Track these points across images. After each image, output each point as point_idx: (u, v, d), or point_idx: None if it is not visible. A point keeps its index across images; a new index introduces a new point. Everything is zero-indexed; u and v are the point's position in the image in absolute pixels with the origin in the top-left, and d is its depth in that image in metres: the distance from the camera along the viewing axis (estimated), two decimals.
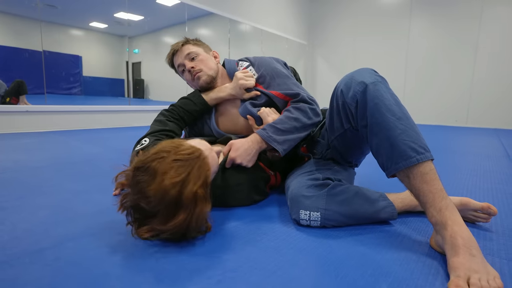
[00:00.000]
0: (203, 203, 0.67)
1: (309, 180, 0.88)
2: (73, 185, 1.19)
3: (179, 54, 1.15)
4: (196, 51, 1.15)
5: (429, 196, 0.68)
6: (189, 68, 1.12)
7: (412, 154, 0.70)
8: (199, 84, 1.15)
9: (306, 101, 1.04)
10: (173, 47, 1.17)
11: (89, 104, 3.29)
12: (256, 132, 0.98)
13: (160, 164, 0.65)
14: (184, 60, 1.14)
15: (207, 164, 0.71)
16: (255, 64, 1.15)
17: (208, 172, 0.71)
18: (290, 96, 1.04)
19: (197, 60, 1.14)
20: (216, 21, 4.83)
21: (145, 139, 1.05)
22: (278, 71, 1.10)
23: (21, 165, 1.49)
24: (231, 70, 1.17)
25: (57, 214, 0.89)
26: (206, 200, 0.69)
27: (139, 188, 0.66)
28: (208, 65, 1.14)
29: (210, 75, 1.14)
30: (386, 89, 0.77)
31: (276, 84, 1.08)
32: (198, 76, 1.13)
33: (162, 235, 0.69)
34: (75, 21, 6.73)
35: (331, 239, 0.77)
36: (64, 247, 0.69)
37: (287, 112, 1.02)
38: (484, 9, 4.69)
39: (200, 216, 0.68)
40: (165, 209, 0.65)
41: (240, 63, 1.18)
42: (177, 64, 1.17)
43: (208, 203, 0.69)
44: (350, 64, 6.18)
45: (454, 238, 0.61)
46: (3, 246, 0.68)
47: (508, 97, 4.61)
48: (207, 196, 0.69)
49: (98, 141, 2.40)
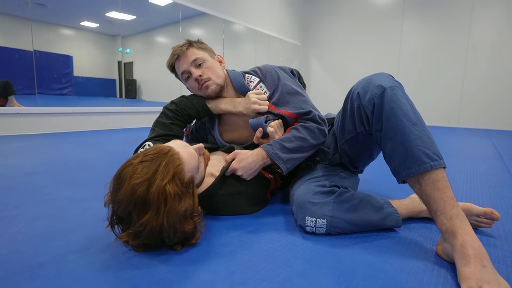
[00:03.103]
0: (174, 200, 0.65)
1: (316, 187, 0.88)
2: (70, 192, 1.16)
3: (183, 60, 1.05)
4: (202, 56, 1.05)
5: (440, 204, 0.68)
6: (196, 76, 1.03)
7: (426, 160, 0.70)
8: (206, 94, 1.08)
9: (316, 120, 1.00)
10: (176, 52, 1.05)
11: (81, 105, 3.23)
12: (262, 148, 0.95)
13: (128, 169, 0.66)
14: (189, 67, 1.04)
15: (178, 159, 0.70)
16: (264, 79, 1.08)
17: (179, 167, 0.69)
18: (302, 114, 1.01)
19: (204, 67, 1.05)
20: (210, 21, 4.80)
21: (148, 143, 1.02)
22: (288, 89, 1.05)
23: (15, 170, 1.45)
24: (239, 85, 1.10)
25: (55, 225, 0.86)
26: (180, 197, 0.67)
27: (113, 197, 0.66)
28: (216, 72, 1.06)
29: (219, 84, 1.07)
30: (403, 94, 0.77)
31: (286, 102, 1.03)
32: (207, 86, 1.05)
33: (137, 240, 0.67)
34: (65, 20, 6.60)
35: (338, 247, 0.76)
36: (65, 260, 0.67)
37: (295, 131, 0.98)
38: (475, 10, 4.76)
39: (172, 214, 0.65)
40: (135, 210, 0.64)
41: (247, 77, 1.11)
42: (181, 71, 1.06)
43: (183, 201, 0.67)
44: (343, 64, 6.23)
45: (465, 247, 0.61)
46: (3, 260, 0.66)
47: (498, 98, 4.70)
48: (183, 194, 0.68)
49: (92, 144, 2.36)
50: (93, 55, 7.43)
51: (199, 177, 0.85)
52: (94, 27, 6.97)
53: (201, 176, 0.87)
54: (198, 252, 0.72)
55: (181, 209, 0.66)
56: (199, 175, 0.84)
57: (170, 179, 0.66)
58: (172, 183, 0.66)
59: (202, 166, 0.86)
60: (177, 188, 0.66)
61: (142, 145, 1.03)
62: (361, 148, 0.97)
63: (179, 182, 0.68)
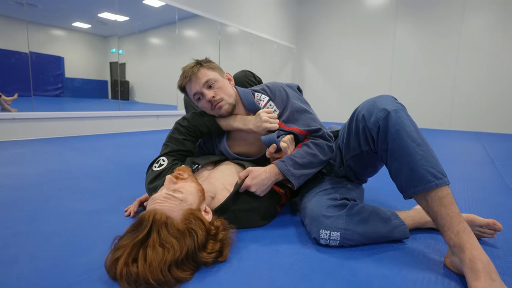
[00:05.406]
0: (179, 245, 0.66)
1: (328, 200, 0.92)
2: (81, 205, 1.17)
3: (195, 81, 1.05)
4: (214, 77, 1.06)
5: (446, 219, 0.72)
6: (209, 98, 1.04)
7: (431, 178, 0.74)
8: (219, 114, 1.10)
9: (325, 138, 1.04)
10: (187, 74, 1.06)
11: (75, 107, 3.24)
12: (275, 164, 0.98)
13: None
14: (202, 89, 1.05)
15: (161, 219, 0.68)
16: (274, 98, 1.11)
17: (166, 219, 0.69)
18: (312, 131, 1.05)
19: (215, 87, 1.06)
20: (205, 23, 4.80)
21: (163, 158, 1.04)
22: (297, 107, 1.08)
23: (19, 181, 1.45)
24: (249, 104, 1.12)
25: (75, 241, 0.87)
26: (179, 239, 0.67)
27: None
28: (228, 92, 1.08)
29: (231, 104, 1.09)
30: (407, 116, 0.82)
31: (295, 120, 1.07)
32: (220, 106, 1.06)
33: None
34: (56, 21, 6.48)
35: (351, 260, 0.80)
36: (90, 279, 0.68)
37: (306, 147, 1.02)
38: (466, 11, 4.89)
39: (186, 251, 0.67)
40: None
41: (256, 95, 1.14)
42: (193, 92, 1.07)
43: (186, 240, 0.68)
44: (337, 67, 6.31)
45: (474, 262, 0.65)
46: (29, 282, 0.67)
47: (488, 101, 4.85)
48: (182, 235, 0.68)
49: (93, 150, 2.35)
50: (85, 56, 7.33)
51: (207, 197, 0.88)
52: (86, 28, 6.87)
53: (209, 195, 0.90)
54: (219, 267, 0.74)
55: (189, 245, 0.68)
56: (206, 196, 0.87)
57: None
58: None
59: (199, 193, 0.83)
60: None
61: (157, 160, 1.05)
62: (366, 165, 1.02)
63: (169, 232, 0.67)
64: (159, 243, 0.64)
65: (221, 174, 1.04)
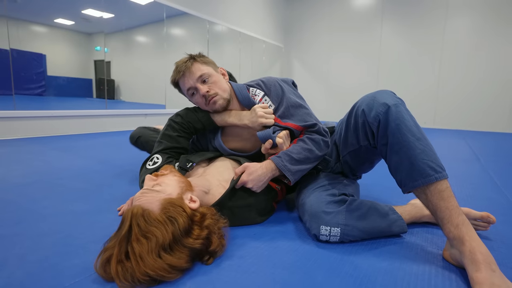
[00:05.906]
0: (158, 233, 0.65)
1: (328, 196, 0.91)
2: (70, 205, 1.12)
3: (188, 76, 1.04)
4: (207, 72, 1.05)
5: (446, 212, 0.73)
6: (204, 93, 1.03)
7: (430, 172, 0.75)
8: (213, 109, 1.08)
9: (321, 133, 1.03)
10: (181, 68, 1.04)
11: (58, 106, 3.11)
12: (272, 160, 0.97)
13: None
14: (196, 83, 1.04)
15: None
16: (269, 93, 1.09)
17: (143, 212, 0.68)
18: (307, 126, 1.04)
19: (209, 82, 1.05)
20: (193, 21, 4.74)
21: (157, 156, 1.01)
22: (293, 102, 1.06)
23: (4, 182, 1.38)
24: (244, 99, 1.11)
25: (66, 242, 0.84)
26: (158, 227, 0.66)
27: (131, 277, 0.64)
28: (222, 87, 1.07)
29: (226, 98, 1.07)
30: (406, 111, 0.82)
31: (291, 115, 1.05)
32: (214, 101, 1.05)
33: None
34: (38, 17, 6.27)
35: (352, 255, 0.80)
36: (86, 280, 0.66)
37: (302, 143, 1.00)
38: (449, 10, 5.03)
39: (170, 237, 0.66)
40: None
41: (251, 90, 1.12)
42: (187, 87, 1.05)
43: (165, 227, 0.67)
44: (324, 65, 6.37)
45: (474, 254, 0.66)
46: (23, 285, 0.64)
47: (470, 100, 5.00)
48: (162, 222, 0.67)
49: (77, 150, 2.27)
50: (68, 54, 7.11)
51: (198, 190, 0.86)
52: (69, 24, 6.67)
53: (201, 189, 0.88)
54: (220, 265, 0.72)
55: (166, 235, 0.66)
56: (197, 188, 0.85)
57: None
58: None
59: (185, 186, 0.82)
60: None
61: (151, 157, 1.02)
62: (363, 160, 1.02)
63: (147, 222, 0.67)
64: (142, 235, 0.65)
65: (216, 170, 1.02)
